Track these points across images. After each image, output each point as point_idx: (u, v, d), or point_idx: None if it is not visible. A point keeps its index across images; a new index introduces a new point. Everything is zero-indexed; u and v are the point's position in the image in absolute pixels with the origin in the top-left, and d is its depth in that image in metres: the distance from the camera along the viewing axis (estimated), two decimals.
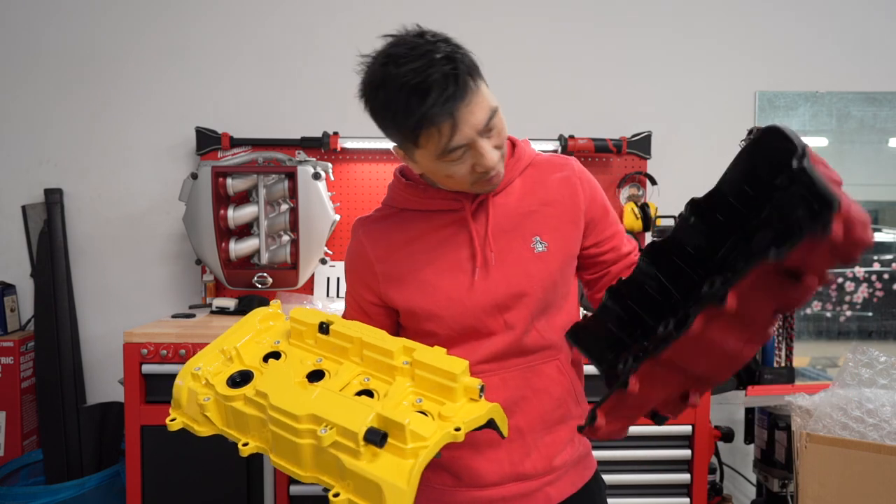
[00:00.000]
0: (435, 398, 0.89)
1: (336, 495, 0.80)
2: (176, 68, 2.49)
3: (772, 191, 0.84)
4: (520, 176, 1.09)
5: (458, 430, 0.84)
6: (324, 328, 0.97)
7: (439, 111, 0.87)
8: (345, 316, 1.12)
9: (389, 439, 0.81)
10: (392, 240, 1.07)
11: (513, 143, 1.10)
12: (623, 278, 0.99)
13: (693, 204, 0.90)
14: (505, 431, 0.90)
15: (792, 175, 0.73)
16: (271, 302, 1.07)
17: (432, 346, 0.94)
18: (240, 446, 0.89)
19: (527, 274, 1.05)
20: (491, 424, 0.89)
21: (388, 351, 0.93)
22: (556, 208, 1.08)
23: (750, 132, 1.03)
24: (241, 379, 0.93)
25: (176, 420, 0.93)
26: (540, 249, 1.06)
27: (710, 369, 0.82)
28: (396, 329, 1.12)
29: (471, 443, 1.02)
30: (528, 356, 1.06)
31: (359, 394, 0.89)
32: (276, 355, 0.97)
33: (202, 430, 0.93)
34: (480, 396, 0.89)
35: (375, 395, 0.89)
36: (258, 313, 1.04)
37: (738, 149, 0.87)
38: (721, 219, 0.88)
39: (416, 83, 0.87)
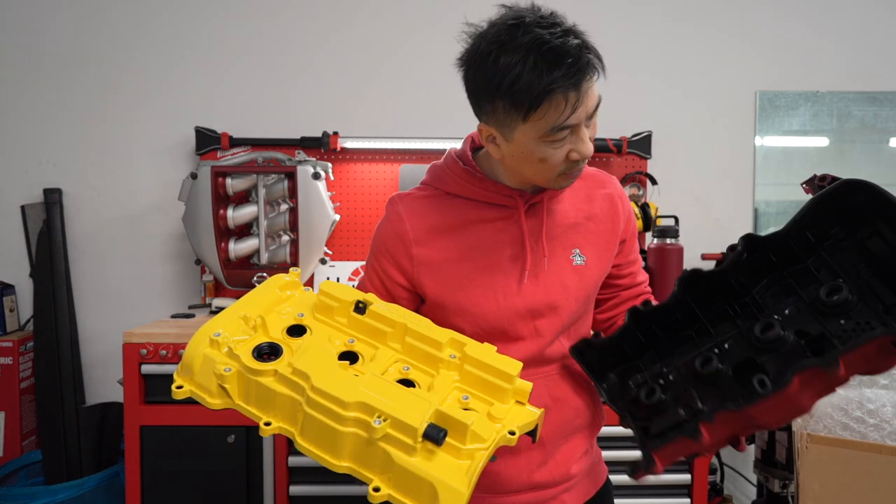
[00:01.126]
0: (482, 397, 0.85)
1: (376, 490, 0.74)
2: (175, 68, 2.49)
3: (827, 241, 0.83)
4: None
5: (512, 433, 0.80)
6: (360, 308, 0.90)
7: (570, 81, 0.84)
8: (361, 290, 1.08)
9: (447, 437, 0.76)
10: (435, 223, 1.01)
11: None
12: (652, 304, 0.95)
13: (749, 240, 0.88)
14: (537, 437, 0.88)
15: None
16: (290, 270, 1.00)
17: None
18: (261, 425, 0.80)
19: (563, 284, 1.03)
20: (532, 429, 0.86)
21: (437, 342, 0.88)
22: (598, 224, 1.07)
23: (822, 179, 0.99)
24: (269, 351, 0.85)
25: (183, 388, 0.83)
26: (578, 262, 1.05)
27: (775, 421, 0.82)
28: None
29: None
30: (547, 366, 1.05)
31: (399, 383, 0.83)
32: (300, 329, 0.90)
33: (214, 403, 0.83)
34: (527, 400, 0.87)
35: (416, 386, 0.84)
36: (277, 280, 0.97)
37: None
38: (773, 259, 0.87)
39: (552, 48, 0.83)
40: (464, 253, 1.01)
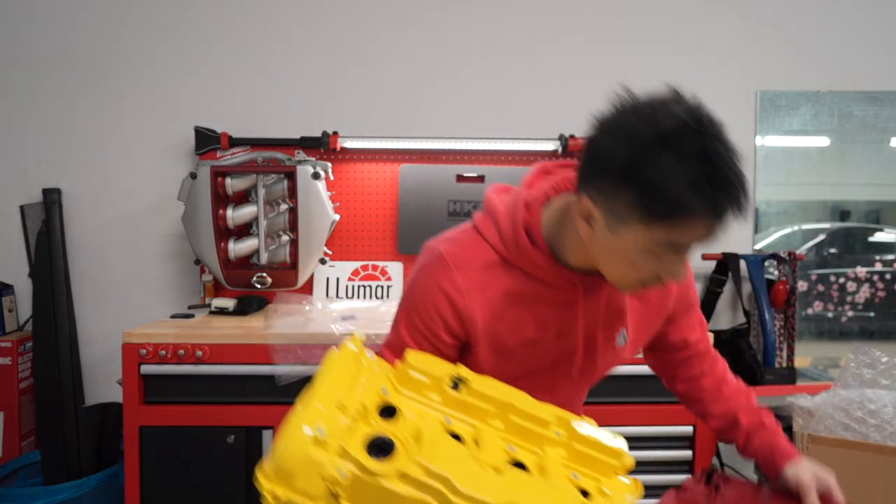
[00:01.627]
0: (589, 474, 0.83)
1: None
2: (175, 68, 2.48)
3: None
4: None
5: None
6: (457, 384, 0.85)
7: (722, 212, 0.78)
8: (398, 346, 1.00)
9: None
10: (495, 302, 0.95)
11: None
12: None
13: None
14: None
15: None
16: (353, 335, 0.91)
17: None
18: None
19: (605, 364, 1.03)
20: None
21: (544, 420, 0.84)
22: (647, 305, 1.03)
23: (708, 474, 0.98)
24: (384, 447, 0.75)
25: (280, 498, 0.71)
26: (620, 343, 1.01)
27: None
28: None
29: None
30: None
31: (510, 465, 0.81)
32: (390, 410, 0.82)
33: None
34: None
35: (527, 468, 0.81)
36: (348, 352, 0.88)
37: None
38: None
39: (725, 173, 0.77)
40: (517, 331, 0.97)
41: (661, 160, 0.75)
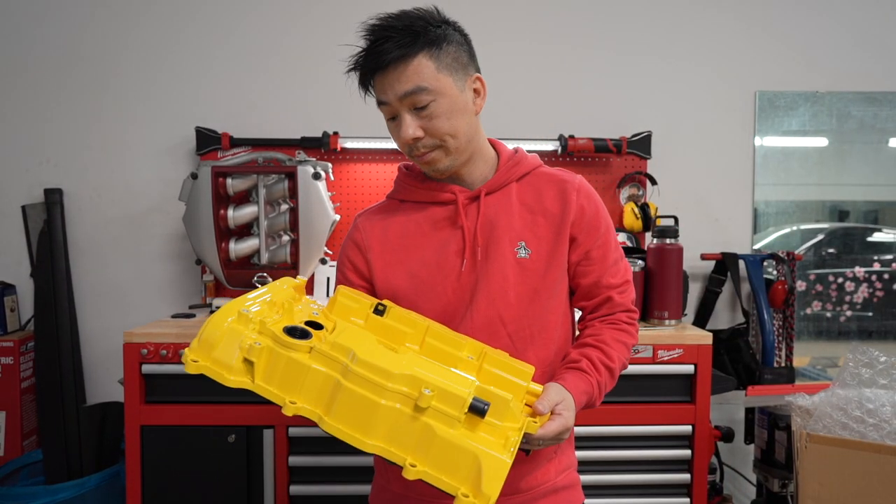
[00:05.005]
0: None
1: (413, 466, 0.75)
2: (176, 68, 2.49)
3: None
4: (517, 182, 1.10)
5: (535, 421, 0.85)
6: (380, 310, 0.96)
7: (372, 60, 1.03)
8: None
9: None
10: (388, 229, 1.11)
11: (514, 150, 1.17)
12: None
13: None
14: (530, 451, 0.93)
15: None
16: (297, 277, 1.02)
17: None
18: (287, 403, 0.78)
19: (504, 275, 1.04)
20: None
21: (458, 342, 0.93)
22: (547, 219, 1.07)
23: None
24: (300, 334, 0.83)
25: (199, 363, 0.77)
26: (522, 255, 1.05)
27: None
28: None
29: None
30: None
31: None
32: (318, 325, 0.89)
33: (232, 380, 0.78)
34: None
35: None
36: (289, 280, 0.99)
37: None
38: None
39: (374, 34, 1.02)
40: (415, 253, 1.08)
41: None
